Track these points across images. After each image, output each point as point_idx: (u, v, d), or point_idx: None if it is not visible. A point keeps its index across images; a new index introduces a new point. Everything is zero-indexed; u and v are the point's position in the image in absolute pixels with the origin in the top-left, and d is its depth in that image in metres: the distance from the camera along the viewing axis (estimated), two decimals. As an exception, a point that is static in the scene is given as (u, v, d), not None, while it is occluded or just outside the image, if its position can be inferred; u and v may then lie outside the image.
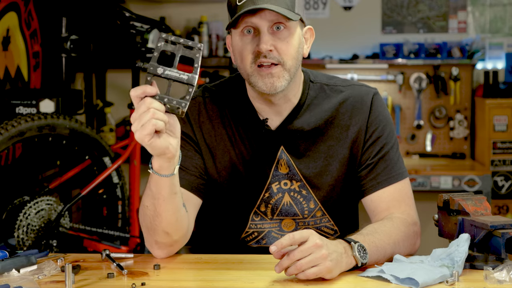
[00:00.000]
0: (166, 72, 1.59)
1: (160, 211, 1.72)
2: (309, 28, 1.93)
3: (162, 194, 1.70)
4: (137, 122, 1.57)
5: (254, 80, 1.84)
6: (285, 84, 1.84)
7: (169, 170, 1.67)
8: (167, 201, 1.71)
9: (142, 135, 1.57)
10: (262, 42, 1.80)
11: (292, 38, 1.83)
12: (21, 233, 3.22)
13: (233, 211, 1.95)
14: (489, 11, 4.76)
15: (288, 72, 1.83)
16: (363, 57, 4.75)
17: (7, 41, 3.74)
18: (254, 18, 1.80)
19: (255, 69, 1.82)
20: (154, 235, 1.77)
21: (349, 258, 1.64)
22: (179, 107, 1.60)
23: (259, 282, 1.61)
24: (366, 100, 1.96)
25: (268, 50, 1.80)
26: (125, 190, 3.71)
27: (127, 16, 3.87)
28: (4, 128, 3.11)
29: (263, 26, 1.81)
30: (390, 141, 1.96)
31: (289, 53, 1.83)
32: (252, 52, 1.82)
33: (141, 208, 1.78)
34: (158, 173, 1.67)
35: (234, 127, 1.94)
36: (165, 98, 1.59)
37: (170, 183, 1.69)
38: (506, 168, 4.41)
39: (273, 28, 1.81)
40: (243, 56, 1.84)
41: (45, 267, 1.69)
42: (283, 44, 1.82)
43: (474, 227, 1.66)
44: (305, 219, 1.95)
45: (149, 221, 1.76)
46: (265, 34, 1.80)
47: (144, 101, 1.57)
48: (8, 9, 3.75)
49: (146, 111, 1.56)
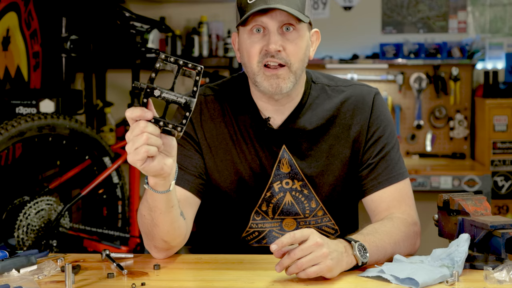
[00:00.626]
0: (163, 94, 1.54)
1: (157, 222, 1.71)
2: (315, 31, 1.94)
3: (158, 207, 1.68)
4: (131, 144, 1.52)
5: (259, 80, 1.84)
6: (290, 86, 1.84)
7: (164, 187, 1.63)
8: (164, 214, 1.69)
9: (134, 159, 1.53)
10: (271, 42, 1.80)
11: (300, 40, 1.84)
12: (21, 233, 3.22)
13: (234, 211, 1.95)
14: (489, 11, 4.76)
15: (294, 74, 1.84)
16: (363, 57, 4.75)
17: (7, 41, 3.74)
18: (264, 18, 1.80)
19: (261, 68, 1.82)
20: (152, 241, 1.78)
21: (349, 257, 1.64)
22: (175, 131, 1.55)
23: (259, 282, 1.61)
24: (367, 99, 1.97)
25: (277, 51, 1.80)
26: (125, 190, 3.71)
27: (127, 16, 3.87)
28: (4, 128, 3.11)
29: (273, 26, 1.81)
30: (391, 141, 1.96)
31: (297, 55, 1.83)
32: (259, 51, 1.82)
33: (139, 215, 1.77)
34: (154, 189, 1.63)
35: (236, 126, 1.94)
36: (160, 121, 1.54)
37: (167, 198, 1.66)
38: (506, 168, 4.41)
39: (283, 28, 1.82)
40: (250, 55, 1.84)
41: (45, 267, 1.69)
42: (291, 46, 1.82)
43: (474, 227, 1.66)
44: (306, 218, 1.95)
45: (147, 228, 1.75)
46: (275, 34, 1.81)
47: (139, 123, 1.51)
48: (8, 9, 3.75)
49: (140, 135, 1.51)
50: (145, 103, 1.54)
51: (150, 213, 1.70)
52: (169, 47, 4.63)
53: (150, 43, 4.44)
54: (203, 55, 4.64)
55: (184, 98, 1.55)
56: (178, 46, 4.64)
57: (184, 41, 4.73)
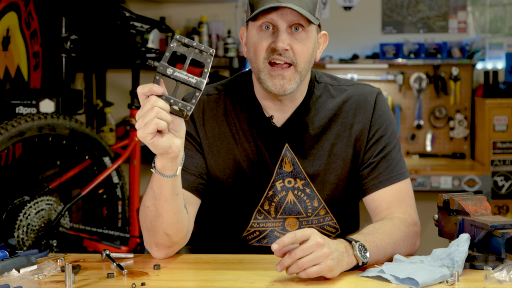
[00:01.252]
0: (175, 73, 1.59)
1: (161, 212, 1.72)
2: (323, 33, 1.95)
3: (164, 194, 1.70)
4: (141, 120, 1.57)
5: (263, 78, 1.84)
6: (294, 87, 1.84)
7: (172, 170, 1.66)
8: (168, 202, 1.71)
9: (144, 133, 1.57)
10: (279, 40, 1.80)
11: (308, 41, 1.84)
12: (21, 233, 3.22)
13: (236, 210, 1.95)
14: (489, 11, 4.76)
15: (299, 75, 1.84)
16: (363, 57, 4.75)
17: (7, 41, 3.74)
18: (274, 15, 1.81)
19: (267, 66, 1.83)
20: (154, 236, 1.77)
21: (350, 257, 1.64)
22: (184, 109, 1.60)
23: (259, 282, 1.61)
24: (370, 99, 1.97)
25: (284, 49, 1.81)
26: (125, 190, 3.71)
27: (127, 16, 3.87)
28: (4, 128, 3.11)
29: (282, 25, 1.81)
30: (393, 141, 1.96)
31: (304, 56, 1.83)
32: (267, 48, 1.82)
33: (142, 209, 1.78)
34: (161, 173, 1.66)
35: (238, 125, 1.94)
36: (171, 99, 1.59)
37: (172, 184, 1.69)
38: (506, 168, 4.41)
39: (292, 28, 1.82)
40: (257, 51, 1.84)
41: (45, 267, 1.69)
42: (299, 46, 1.82)
43: (474, 227, 1.66)
44: (308, 217, 1.95)
45: (150, 221, 1.75)
46: (284, 32, 1.81)
47: (150, 99, 1.56)
48: (8, 9, 3.75)
49: (151, 109, 1.55)
50: (157, 81, 1.59)
51: (155, 202, 1.71)
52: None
53: (150, 43, 4.43)
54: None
55: (194, 79, 1.59)
56: (178, 46, 4.63)
57: (184, 41, 4.72)
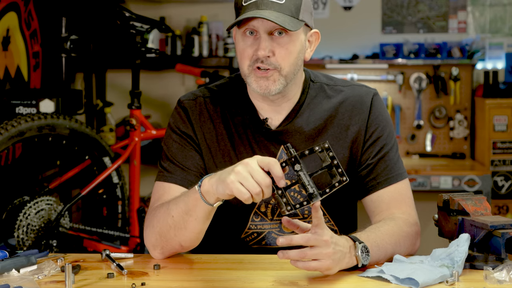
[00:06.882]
0: (300, 172, 1.59)
1: (187, 226, 1.75)
2: (315, 31, 1.93)
3: (197, 214, 1.72)
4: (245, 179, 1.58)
5: (249, 81, 1.85)
6: (280, 88, 1.84)
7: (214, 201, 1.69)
8: (198, 221, 1.73)
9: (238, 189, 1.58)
10: (260, 48, 1.80)
11: (292, 45, 1.83)
12: (21, 233, 3.22)
13: (233, 212, 1.95)
14: (489, 11, 4.76)
15: (284, 78, 1.83)
16: (363, 57, 4.75)
17: (7, 41, 3.74)
18: (256, 22, 1.80)
19: (252, 70, 1.83)
20: (164, 242, 1.79)
21: (351, 258, 1.65)
22: (282, 207, 1.60)
23: (259, 282, 1.61)
24: (366, 100, 1.97)
25: (266, 56, 1.80)
26: (125, 190, 3.71)
27: (127, 16, 3.87)
28: (4, 128, 3.11)
29: (263, 31, 1.80)
30: (390, 142, 1.96)
31: (287, 60, 1.82)
32: (251, 55, 1.82)
33: (164, 214, 1.78)
34: (204, 198, 1.67)
35: (234, 127, 1.94)
36: (280, 190, 1.59)
37: (209, 210, 1.71)
38: (506, 168, 4.41)
39: (275, 33, 1.81)
40: (242, 58, 1.84)
41: (45, 267, 1.69)
42: (282, 50, 1.81)
43: (474, 227, 1.66)
44: (305, 219, 1.94)
45: (168, 229, 1.77)
46: (264, 40, 1.80)
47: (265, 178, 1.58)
48: (8, 9, 3.75)
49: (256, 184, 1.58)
50: (283, 167, 1.59)
51: (184, 216, 1.73)
52: (169, 47, 4.63)
53: (150, 43, 4.44)
54: (203, 55, 4.63)
55: (313, 189, 1.59)
56: (178, 46, 4.64)
57: (184, 41, 4.72)
